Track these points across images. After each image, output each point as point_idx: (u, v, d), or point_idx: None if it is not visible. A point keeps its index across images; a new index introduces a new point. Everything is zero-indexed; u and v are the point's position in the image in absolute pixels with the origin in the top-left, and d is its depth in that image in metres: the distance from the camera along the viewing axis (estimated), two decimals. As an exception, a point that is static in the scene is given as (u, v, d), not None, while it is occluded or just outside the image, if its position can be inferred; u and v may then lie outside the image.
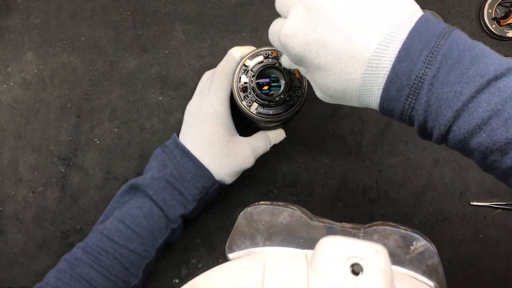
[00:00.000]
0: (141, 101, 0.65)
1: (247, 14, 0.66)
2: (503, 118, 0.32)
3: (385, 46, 0.34)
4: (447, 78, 0.32)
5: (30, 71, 0.65)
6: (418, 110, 0.34)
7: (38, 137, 0.65)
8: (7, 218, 0.64)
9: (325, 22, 0.35)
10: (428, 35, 0.34)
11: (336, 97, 0.40)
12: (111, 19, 0.66)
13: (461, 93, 0.32)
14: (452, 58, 0.33)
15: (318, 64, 0.37)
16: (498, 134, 0.32)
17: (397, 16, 0.35)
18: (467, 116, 0.33)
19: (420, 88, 0.33)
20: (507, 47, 0.66)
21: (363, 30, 0.34)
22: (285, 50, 0.40)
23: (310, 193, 0.65)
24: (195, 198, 0.55)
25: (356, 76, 0.35)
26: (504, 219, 0.64)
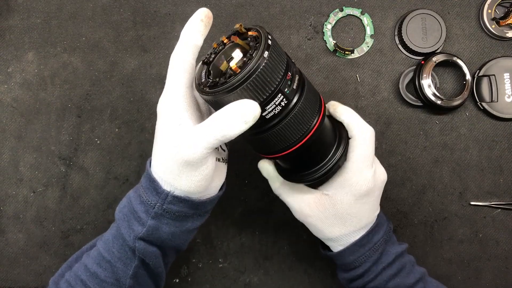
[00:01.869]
0: (142, 101, 0.65)
1: (247, 14, 0.66)
2: None
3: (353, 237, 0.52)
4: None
5: (30, 71, 0.65)
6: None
7: (38, 137, 0.65)
8: (7, 218, 0.64)
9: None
10: (384, 220, 0.54)
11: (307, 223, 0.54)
12: (112, 20, 0.66)
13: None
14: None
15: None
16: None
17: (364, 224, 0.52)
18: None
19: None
20: (506, 47, 0.66)
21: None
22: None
23: (310, 193, 0.65)
24: (148, 215, 0.45)
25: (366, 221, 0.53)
26: (504, 219, 0.65)
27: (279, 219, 0.65)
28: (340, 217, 0.51)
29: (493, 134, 0.65)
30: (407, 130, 0.65)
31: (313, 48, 0.66)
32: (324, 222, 0.51)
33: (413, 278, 0.52)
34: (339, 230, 0.51)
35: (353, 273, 0.52)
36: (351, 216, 0.51)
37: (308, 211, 0.51)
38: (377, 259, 0.51)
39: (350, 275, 0.53)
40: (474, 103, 0.65)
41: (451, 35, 0.66)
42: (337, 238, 0.52)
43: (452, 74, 0.66)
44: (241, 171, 0.65)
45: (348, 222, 0.51)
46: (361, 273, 0.52)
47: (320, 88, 0.66)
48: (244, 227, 0.64)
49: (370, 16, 0.66)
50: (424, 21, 0.65)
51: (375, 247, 0.51)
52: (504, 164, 0.65)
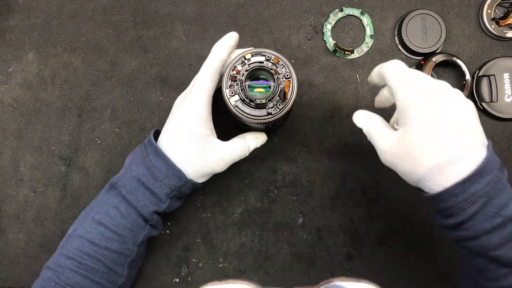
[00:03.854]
0: (142, 101, 0.66)
1: (247, 14, 0.66)
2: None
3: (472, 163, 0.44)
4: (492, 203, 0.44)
5: (31, 71, 0.66)
6: (467, 211, 0.44)
7: (39, 137, 0.65)
8: (8, 218, 0.64)
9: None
10: (494, 163, 0.45)
11: (400, 164, 0.48)
12: (112, 20, 0.66)
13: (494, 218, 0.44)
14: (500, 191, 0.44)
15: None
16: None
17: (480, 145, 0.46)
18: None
19: (475, 201, 0.44)
20: (506, 47, 0.66)
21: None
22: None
23: (310, 193, 0.65)
24: (167, 196, 0.54)
25: (458, 153, 0.45)
26: (503, 219, 0.65)
27: (279, 219, 0.65)
28: (420, 146, 0.45)
29: (492, 134, 0.65)
30: (407, 130, 0.65)
31: (313, 48, 0.66)
32: (406, 157, 0.46)
33: None
34: (427, 163, 0.45)
35: (447, 221, 0.46)
36: (437, 142, 0.44)
37: (388, 149, 0.48)
38: (472, 215, 0.44)
39: (446, 222, 0.47)
40: (474, 103, 0.65)
41: (451, 35, 0.66)
42: (426, 175, 0.45)
43: (452, 74, 0.66)
44: (241, 171, 0.65)
45: (437, 150, 0.44)
46: (453, 223, 0.45)
47: (320, 88, 0.66)
48: (244, 227, 0.65)
49: (370, 16, 0.66)
50: (424, 21, 0.65)
51: (474, 198, 0.43)
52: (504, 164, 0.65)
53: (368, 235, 0.64)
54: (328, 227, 0.65)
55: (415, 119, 0.46)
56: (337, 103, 0.65)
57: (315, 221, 0.65)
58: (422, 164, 0.45)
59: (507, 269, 0.44)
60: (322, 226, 0.65)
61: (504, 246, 0.43)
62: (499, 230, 0.43)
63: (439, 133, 0.45)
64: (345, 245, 0.64)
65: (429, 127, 0.45)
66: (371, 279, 0.64)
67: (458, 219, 0.45)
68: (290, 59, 0.66)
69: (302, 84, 0.66)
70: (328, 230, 0.65)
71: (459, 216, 0.45)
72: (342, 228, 0.65)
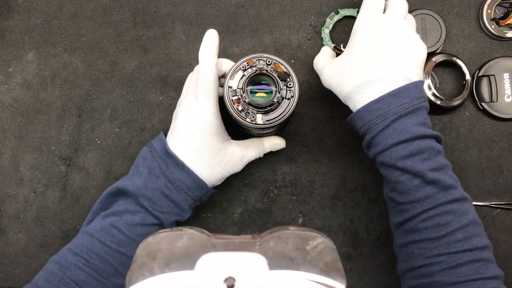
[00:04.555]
0: (142, 101, 0.66)
1: (247, 14, 0.66)
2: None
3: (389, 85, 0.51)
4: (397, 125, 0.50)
5: (31, 71, 0.66)
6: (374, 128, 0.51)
7: (39, 137, 0.65)
8: (8, 218, 0.64)
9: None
10: (411, 91, 0.51)
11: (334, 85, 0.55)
12: (112, 20, 0.66)
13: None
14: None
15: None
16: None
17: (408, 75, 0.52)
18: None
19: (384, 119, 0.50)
20: (506, 47, 0.66)
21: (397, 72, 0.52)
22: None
23: (310, 193, 0.65)
24: (190, 207, 0.56)
25: (380, 75, 0.51)
26: (503, 219, 0.65)
27: (279, 219, 0.65)
28: (348, 67, 0.52)
29: (492, 134, 0.65)
30: (407, 130, 0.65)
31: (313, 48, 0.66)
32: (339, 77, 0.53)
33: (428, 165, 0.49)
34: (351, 82, 0.52)
35: (364, 140, 0.52)
36: (355, 64, 0.52)
37: (325, 61, 0.56)
38: (382, 129, 0.50)
39: (364, 141, 0.53)
40: (474, 103, 0.65)
41: (451, 35, 0.66)
42: (350, 93, 0.52)
43: (452, 74, 0.66)
44: (241, 171, 0.65)
45: (361, 72, 0.51)
46: (368, 140, 0.51)
47: (320, 88, 0.66)
48: (244, 227, 0.65)
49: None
50: (424, 21, 0.65)
51: (385, 115, 0.50)
52: (503, 164, 0.65)
53: (368, 235, 0.64)
54: (328, 227, 0.65)
55: (356, 44, 0.53)
56: (337, 103, 0.64)
57: (315, 221, 0.65)
58: (347, 83, 0.52)
59: (416, 179, 0.49)
60: (322, 226, 0.65)
61: (411, 158, 0.49)
62: (406, 144, 0.49)
63: (368, 59, 0.51)
64: (345, 245, 0.64)
65: (363, 52, 0.52)
66: (371, 279, 0.64)
67: (372, 134, 0.51)
68: (290, 59, 0.66)
69: (302, 84, 0.66)
70: (328, 230, 0.65)
71: (372, 131, 0.50)
72: (342, 228, 0.65)
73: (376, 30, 0.52)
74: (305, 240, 0.35)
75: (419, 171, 0.48)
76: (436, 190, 0.49)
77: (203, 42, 0.52)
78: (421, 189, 0.49)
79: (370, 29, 0.52)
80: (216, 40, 0.53)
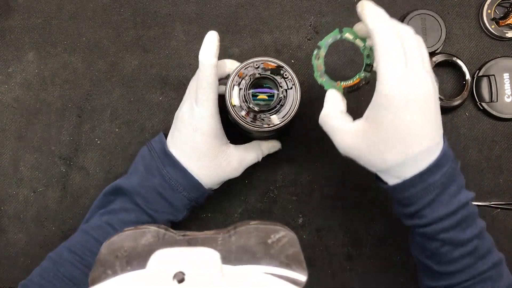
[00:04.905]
0: (142, 101, 0.66)
1: (248, 14, 0.66)
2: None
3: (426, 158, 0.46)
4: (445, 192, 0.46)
5: (31, 71, 0.66)
6: (424, 199, 0.47)
7: (39, 137, 0.65)
8: (8, 218, 0.64)
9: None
10: (449, 155, 0.47)
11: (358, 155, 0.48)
12: (112, 20, 0.66)
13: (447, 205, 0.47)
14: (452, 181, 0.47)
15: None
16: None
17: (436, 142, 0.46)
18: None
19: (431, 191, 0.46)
20: (506, 47, 0.66)
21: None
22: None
23: (310, 193, 0.65)
24: (185, 208, 0.55)
25: (413, 152, 0.45)
26: (503, 219, 0.65)
27: (279, 219, 0.65)
28: (384, 142, 0.45)
29: (492, 134, 0.65)
30: (407, 130, 0.65)
31: (313, 48, 0.66)
32: (369, 151, 0.46)
33: (470, 233, 0.47)
34: (387, 157, 0.45)
35: (404, 210, 0.48)
36: (395, 138, 0.44)
37: (350, 141, 0.47)
38: (428, 203, 0.46)
39: (403, 211, 0.49)
40: (474, 103, 0.65)
41: (451, 35, 0.66)
42: (386, 170, 0.47)
43: (452, 74, 0.66)
44: (241, 171, 0.65)
45: (394, 146, 0.44)
46: (410, 212, 0.47)
47: (320, 88, 0.66)
48: (244, 227, 0.64)
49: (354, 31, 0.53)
50: (424, 21, 0.65)
51: (430, 188, 0.45)
52: (504, 164, 0.65)
53: (368, 235, 0.64)
54: (328, 227, 0.65)
55: (390, 117, 0.44)
56: (337, 103, 0.65)
57: (315, 221, 0.65)
58: (386, 160, 0.46)
59: (457, 251, 0.47)
60: (322, 226, 0.65)
61: (454, 229, 0.47)
62: (452, 216, 0.46)
63: (401, 132, 0.44)
64: (345, 245, 0.64)
65: (403, 126, 0.44)
66: (371, 279, 0.64)
67: (416, 208, 0.47)
68: (290, 59, 0.66)
69: (302, 84, 0.66)
70: (328, 230, 0.65)
71: (416, 205, 0.47)
72: (342, 228, 0.65)
73: (411, 93, 0.43)
74: (268, 234, 0.35)
75: (461, 241, 0.47)
76: (475, 259, 0.47)
77: (203, 44, 0.52)
78: (461, 261, 0.47)
79: (405, 95, 0.43)
80: (216, 42, 0.52)
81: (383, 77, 0.44)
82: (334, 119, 0.49)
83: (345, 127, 0.48)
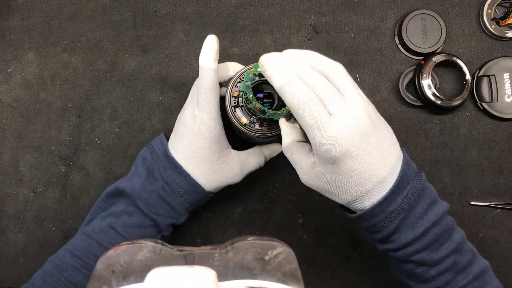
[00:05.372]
0: (142, 101, 0.65)
1: (247, 14, 0.66)
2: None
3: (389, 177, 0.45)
4: (413, 213, 0.45)
5: (30, 71, 0.66)
6: (389, 226, 0.46)
7: (38, 137, 0.65)
8: (8, 218, 0.64)
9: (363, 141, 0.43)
10: (408, 176, 0.45)
11: (323, 188, 0.47)
12: (112, 20, 0.66)
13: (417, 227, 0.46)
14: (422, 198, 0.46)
15: (340, 172, 0.44)
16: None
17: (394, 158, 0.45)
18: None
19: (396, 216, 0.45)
20: (506, 47, 0.66)
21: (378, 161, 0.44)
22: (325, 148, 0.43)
23: (310, 193, 0.65)
24: (186, 210, 0.55)
25: (366, 188, 0.44)
26: (504, 219, 0.65)
27: (279, 219, 0.65)
28: (336, 185, 0.45)
29: (493, 134, 0.65)
30: (407, 130, 0.65)
31: (313, 48, 0.66)
32: (326, 189, 0.47)
33: (444, 251, 0.46)
34: (342, 197, 0.46)
35: (373, 237, 0.48)
36: (345, 182, 0.44)
37: (309, 179, 0.48)
38: (394, 230, 0.45)
39: (371, 237, 0.49)
40: (474, 103, 0.65)
41: (451, 35, 0.66)
42: (347, 204, 0.47)
43: (452, 74, 0.66)
44: (241, 171, 0.65)
45: (345, 189, 0.45)
46: (378, 238, 0.47)
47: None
48: (244, 227, 0.64)
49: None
50: (424, 21, 0.65)
51: (394, 215, 0.45)
52: (504, 164, 0.65)
53: (368, 235, 0.64)
54: (328, 227, 0.65)
55: (328, 170, 0.44)
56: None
57: (315, 221, 0.65)
58: (342, 198, 0.46)
59: (433, 269, 0.46)
60: (322, 226, 0.65)
61: (427, 250, 0.46)
62: (421, 238, 0.45)
63: (349, 177, 0.44)
64: (345, 245, 0.64)
65: (338, 174, 0.44)
66: (371, 279, 0.64)
67: (383, 234, 0.47)
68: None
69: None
70: (328, 230, 0.65)
71: (383, 232, 0.46)
72: (342, 228, 0.65)
73: (345, 141, 0.42)
74: (265, 250, 0.35)
75: (435, 260, 0.46)
76: (454, 274, 0.47)
77: (203, 49, 0.52)
78: (439, 278, 0.47)
79: (340, 147, 0.42)
80: (216, 46, 0.52)
81: (312, 139, 0.43)
82: (293, 154, 0.49)
83: (303, 164, 0.48)
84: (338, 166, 0.43)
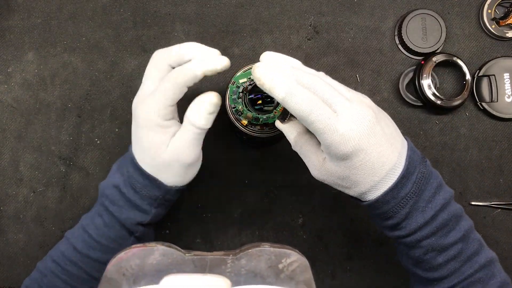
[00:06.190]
0: (142, 101, 0.65)
1: (247, 14, 0.66)
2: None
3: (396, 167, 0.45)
4: (422, 197, 0.46)
5: (30, 71, 0.66)
6: (401, 212, 0.46)
7: (38, 137, 0.65)
8: (7, 218, 0.64)
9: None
10: (415, 161, 0.46)
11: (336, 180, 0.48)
12: (112, 20, 0.66)
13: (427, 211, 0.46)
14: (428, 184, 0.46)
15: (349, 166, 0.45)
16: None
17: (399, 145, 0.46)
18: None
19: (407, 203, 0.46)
20: (506, 47, 0.66)
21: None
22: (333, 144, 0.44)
23: (310, 193, 0.65)
24: (151, 207, 0.52)
25: (380, 176, 0.45)
26: (504, 219, 0.65)
27: (279, 219, 0.65)
28: (348, 179, 0.46)
29: (493, 134, 0.65)
30: (407, 130, 0.65)
31: (313, 48, 0.66)
32: (338, 183, 0.47)
33: (453, 237, 0.46)
34: (355, 189, 0.46)
35: (383, 224, 0.48)
36: (357, 175, 0.45)
37: (320, 174, 0.48)
38: (405, 216, 0.46)
39: (381, 224, 0.49)
40: (474, 103, 0.65)
41: (451, 35, 0.66)
42: (359, 195, 0.47)
43: (452, 74, 0.66)
44: (241, 171, 0.65)
45: (358, 181, 0.45)
46: (389, 225, 0.48)
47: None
48: (244, 227, 0.64)
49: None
50: (424, 21, 0.65)
51: (404, 201, 0.45)
52: (504, 164, 0.65)
53: (368, 235, 0.64)
54: (328, 227, 0.65)
55: (339, 165, 0.45)
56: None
57: (315, 221, 0.65)
58: (355, 190, 0.47)
59: (441, 256, 0.47)
60: (322, 226, 0.65)
61: (436, 235, 0.46)
62: (431, 222, 0.46)
63: (361, 170, 0.45)
64: (345, 245, 0.64)
65: (350, 168, 0.45)
66: (371, 279, 0.64)
67: (394, 221, 0.47)
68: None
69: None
70: (328, 230, 0.65)
71: (395, 218, 0.47)
72: (342, 228, 0.65)
73: (352, 139, 0.43)
74: (279, 258, 0.35)
75: (444, 246, 0.46)
76: (461, 263, 0.47)
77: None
78: (446, 266, 0.47)
79: (347, 144, 0.43)
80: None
81: (323, 141, 0.44)
82: (302, 147, 0.49)
83: (313, 160, 0.48)
84: (351, 161, 0.44)
